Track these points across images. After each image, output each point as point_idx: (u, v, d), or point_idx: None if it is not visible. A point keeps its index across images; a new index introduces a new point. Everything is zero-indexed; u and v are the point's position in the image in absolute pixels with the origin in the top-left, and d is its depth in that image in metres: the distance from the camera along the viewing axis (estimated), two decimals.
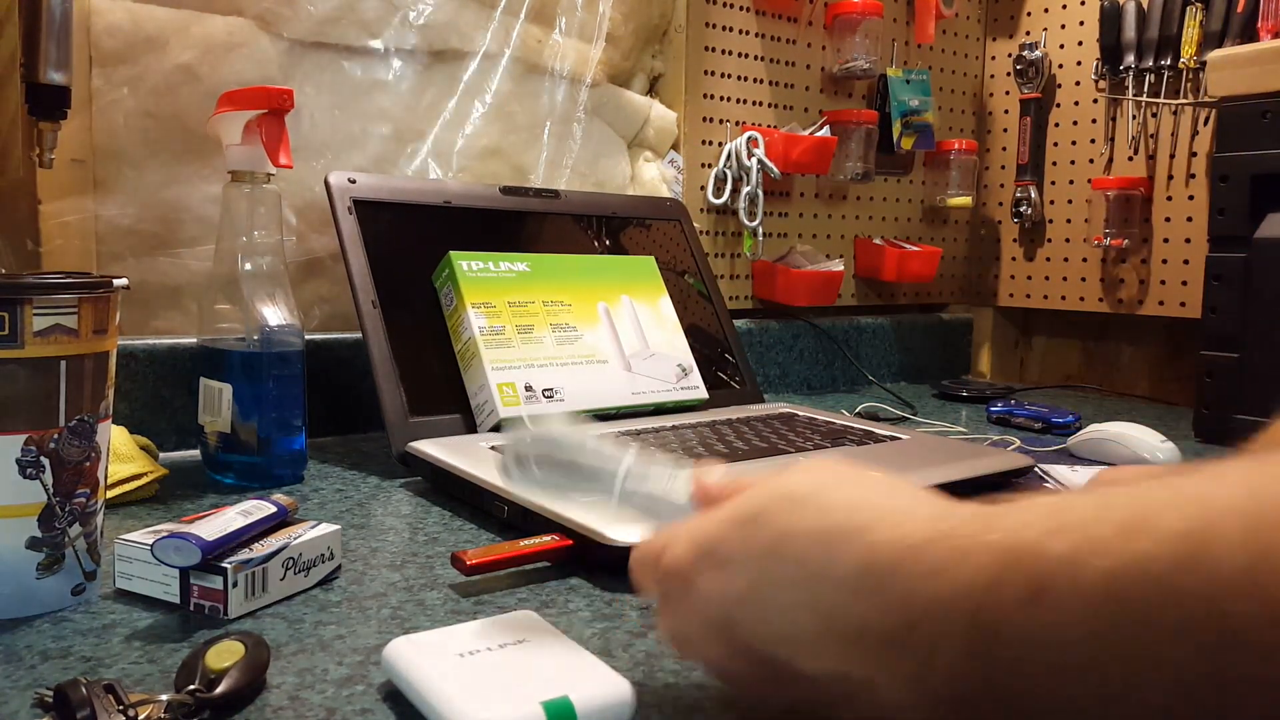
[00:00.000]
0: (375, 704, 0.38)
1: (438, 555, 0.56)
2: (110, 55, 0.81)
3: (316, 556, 0.51)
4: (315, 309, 0.92)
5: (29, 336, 0.44)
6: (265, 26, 0.88)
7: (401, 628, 0.46)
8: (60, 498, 0.46)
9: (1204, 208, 1.18)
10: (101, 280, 0.47)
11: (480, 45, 1.00)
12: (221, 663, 0.38)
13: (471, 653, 0.38)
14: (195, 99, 0.84)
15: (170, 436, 0.80)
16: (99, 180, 0.81)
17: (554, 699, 0.34)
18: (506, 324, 0.82)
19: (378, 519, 0.64)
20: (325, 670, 0.41)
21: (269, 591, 0.48)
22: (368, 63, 0.94)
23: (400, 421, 0.76)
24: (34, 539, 0.46)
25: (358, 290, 0.79)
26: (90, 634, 0.45)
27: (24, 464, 0.45)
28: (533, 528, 0.56)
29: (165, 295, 0.85)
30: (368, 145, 0.94)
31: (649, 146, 1.15)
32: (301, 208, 0.90)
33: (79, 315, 0.46)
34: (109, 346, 0.48)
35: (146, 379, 0.81)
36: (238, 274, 0.72)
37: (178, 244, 0.85)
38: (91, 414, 0.47)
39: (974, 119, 1.46)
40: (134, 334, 0.82)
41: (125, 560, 0.49)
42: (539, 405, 0.79)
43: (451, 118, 0.99)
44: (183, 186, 0.85)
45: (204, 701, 0.37)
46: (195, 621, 0.46)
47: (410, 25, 0.96)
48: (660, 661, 0.42)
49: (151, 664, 0.41)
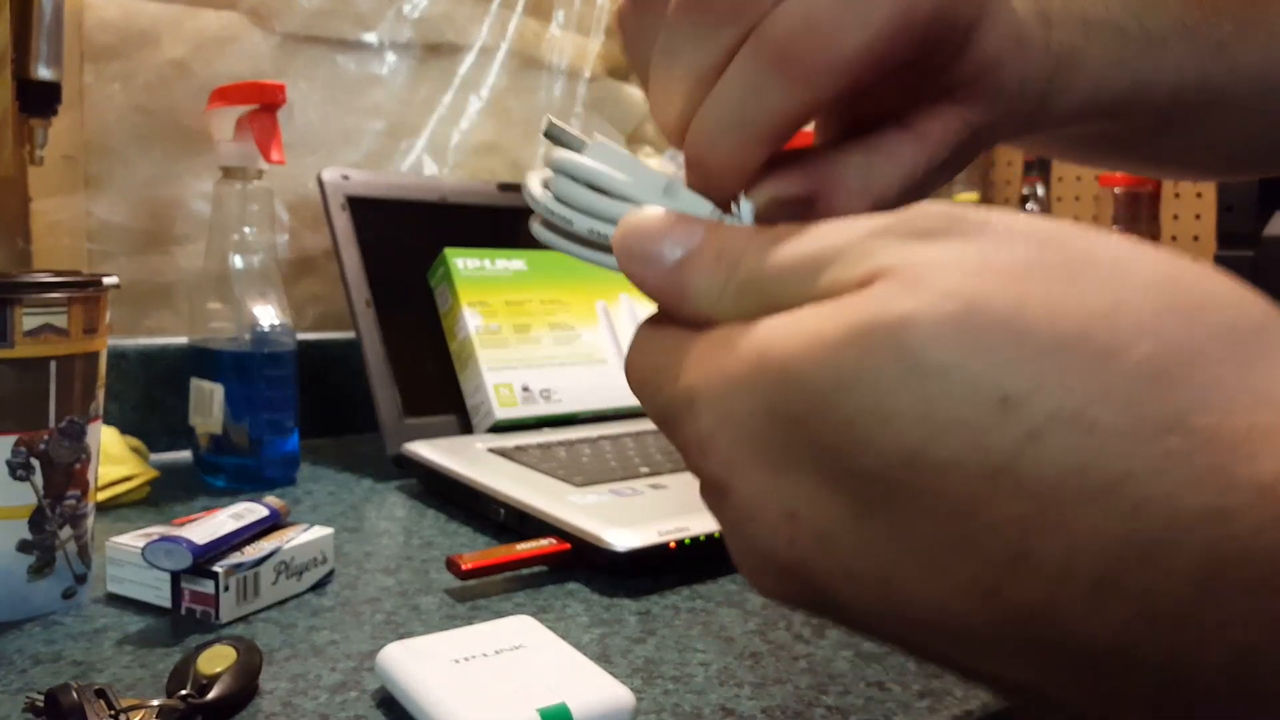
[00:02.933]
0: (369, 710, 0.38)
1: (433, 559, 0.56)
2: (102, 50, 0.80)
3: (309, 560, 0.50)
4: (308, 308, 0.92)
5: (18, 336, 0.44)
6: (258, 21, 0.87)
7: (396, 633, 0.45)
8: (50, 500, 0.46)
9: (1212, 205, 1.18)
10: (92, 279, 0.46)
11: (476, 39, 1.00)
12: (213, 668, 0.38)
13: (467, 659, 0.38)
14: (187, 94, 0.83)
15: (161, 438, 0.80)
16: (90, 177, 0.80)
17: (551, 706, 0.34)
18: (503, 323, 0.81)
19: (372, 522, 0.63)
20: (318, 676, 0.41)
21: (261, 596, 0.47)
22: (361, 57, 0.93)
23: (394, 423, 0.76)
24: (24, 542, 0.45)
25: (351, 289, 0.79)
26: (81, 638, 0.44)
27: (14, 465, 0.44)
28: (529, 531, 0.56)
29: (156, 294, 0.84)
30: (362, 141, 0.93)
31: (648, 141, 1.14)
32: (294, 204, 0.90)
33: (69, 315, 0.45)
34: (99, 346, 0.48)
35: (137, 379, 0.80)
36: (229, 272, 0.71)
37: (170, 241, 0.84)
38: (82, 415, 0.46)
39: None
40: (125, 333, 0.82)
41: (116, 563, 0.48)
42: (536, 405, 0.79)
43: (447, 113, 0.98)
44: (175, 183, 0.84)
45: (196, 707, 0.36)
46: (187, 626, 0.46)
47: (404, 19, 0.95)
48: (659, 668, 0.42)
49: (143, 668, 0.41)
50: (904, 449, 0.17)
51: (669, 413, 0.22)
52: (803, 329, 0.18)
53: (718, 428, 0.20)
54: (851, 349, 0.17)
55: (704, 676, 0.41)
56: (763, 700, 0.39)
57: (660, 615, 0.48)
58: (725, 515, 0.21)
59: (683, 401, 0.21)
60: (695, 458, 0.21)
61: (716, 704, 0.39)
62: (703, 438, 0.20)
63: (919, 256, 0.18)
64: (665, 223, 0.23)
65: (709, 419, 0.20)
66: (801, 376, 0.18)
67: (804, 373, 0.18)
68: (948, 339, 0.16)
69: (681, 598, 0.50)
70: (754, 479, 0.19)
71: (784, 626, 0.46)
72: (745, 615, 0.48)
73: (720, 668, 0.42)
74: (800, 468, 0.18)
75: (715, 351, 0.20)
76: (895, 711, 0.39)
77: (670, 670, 0.42)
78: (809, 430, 0.18)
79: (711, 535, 0.53)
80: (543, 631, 0.41)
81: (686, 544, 0.52)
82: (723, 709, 0.38)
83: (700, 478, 0.21)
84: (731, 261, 0.21)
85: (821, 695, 0.40)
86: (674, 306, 0.22)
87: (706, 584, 0.52)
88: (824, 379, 0.17)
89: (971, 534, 0.16)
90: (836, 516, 0.18)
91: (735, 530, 0.20)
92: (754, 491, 0.19)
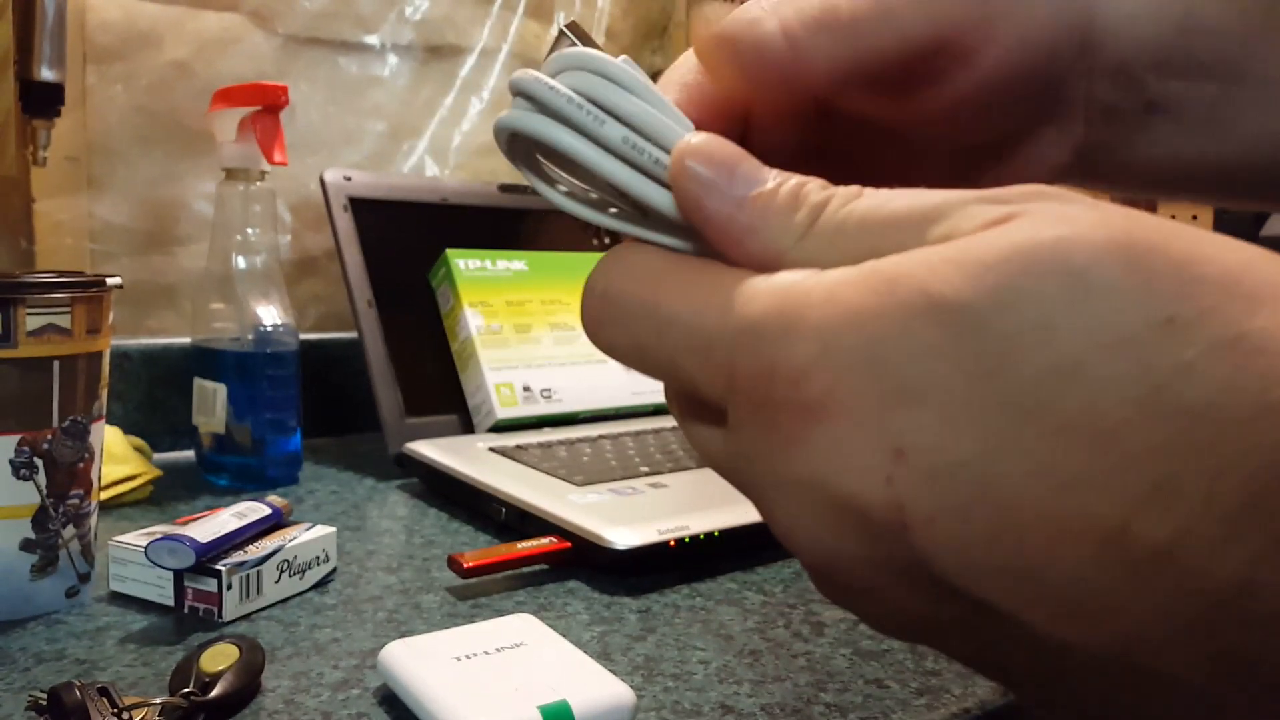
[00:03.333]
0: (371, 708, 0.38)
1: (434, 558, 0.56)
2: (104, 52, 0.80)
3: (312, 559, 0.51)
4: (310, 308, 0.92)
5: (22, 336, 0.44)
6: (260, 22, 0.88)
7: (398, 631, 0.45)
8: (54, 499, 0.46)
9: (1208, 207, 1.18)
10: (95, 279, 0.47)
11: (477, 41, 1.00)
12: (216, 666, 0.38)
13: (468, 656, 0.38)
14: (190, 96, 0.83)
15: (164, 437, 0.80)
16: (93, 178, 0.81)
17: (552, 703, 0.34)
18: (504, 323, 0.81)
19: (373, 521, 0.64)
20: (321, 674, 0.41)
21: (264, 594, 0.48)
22: (363, 59, 0.93)
23: (396, 422, 0.76)
24: (28, 540, 0.45)
25: (353, 289, 0.79)
26: (84, 636, 0.44)
27: (17, 465, 0.44)
28: (530, 530, 0.56)
29: (159, 294, 0.84)
30: (363, 142, 0.94)
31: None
32: (296, 205, 0.90)
33: (72, 315, 0.45)
34: (102, 346, 0.48)
35: (140, 379, 0.80)
36: (232, 273, 0.71)
37: (172, 242, 0.84)
38: (85, 415, 0.47)
39: None
40: (127, 334, 0.82)
41: (119, 562, 0.49)
42: (537, 405, 0.79)
43: (448, 114, 0.98)
44: (177, 184, 0.84)
45: (198, 705, 0.36)
46: (189, 624, 0.46)
47: (406, 21, 0.95)
48: (659, 665, 0.42)
49: (146, 667, 0.41)
50: (1065, 364, 0.16)
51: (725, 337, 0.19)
52: (949, 255, 0.17)
53: (822, 358, 0.18)
54: (1012, 268, 0.17)
55: (704, 674, 0.41)
56: (762, 698, 0.39)
57: (660, 613, 0.48)
58: (797, 458, 0.18)
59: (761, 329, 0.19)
60: (780, 388, 0.18)
61: (716, 701, 0.39)
62: (799, 367, 0.18)
63: (1048, 205, 0.18)
64: (737, 153, 0.21)
65: (812, 349, 0.18)
66: (958, 299, 0.17)
67: (959, 296, 0.17)
68: (1111, 260, 0.16)
69: (681, 596, 0.50)
70: (857, 414, 0.18)
71: (783, 624, 0.47)
72: (744, 613, 0.48)
73: (720, 665, 0.42)
74: (926, 403, 0.17)
75: (824, 282, 0.19)
76: (894, 709, 0.39)
77: (670, 668, 0.42)
78: (953, 358, 0.17)
79: (711, 534, 0.54)
80: (544, 629, 0.41)
81: (686, 542, 0.53)
82: (722, 706, 0.39)
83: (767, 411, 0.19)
84: (814, 205, 0.20)
85: (820, 693, 0.40)
86: (736, 241, 0.20)
87: (706, 582, 0.52)
88: (984, 299, 0.17)
89: (1115, 462, 0.16)
90: (958, 453, 0.17)
91: (808, 472, 0.18)
92: (853, 427, 0.18)
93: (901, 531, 0.17)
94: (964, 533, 0.17)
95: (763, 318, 0.19)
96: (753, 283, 0.20)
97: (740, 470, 0.21)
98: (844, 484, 0.18)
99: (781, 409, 0.19)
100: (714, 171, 0.20)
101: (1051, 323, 0.16)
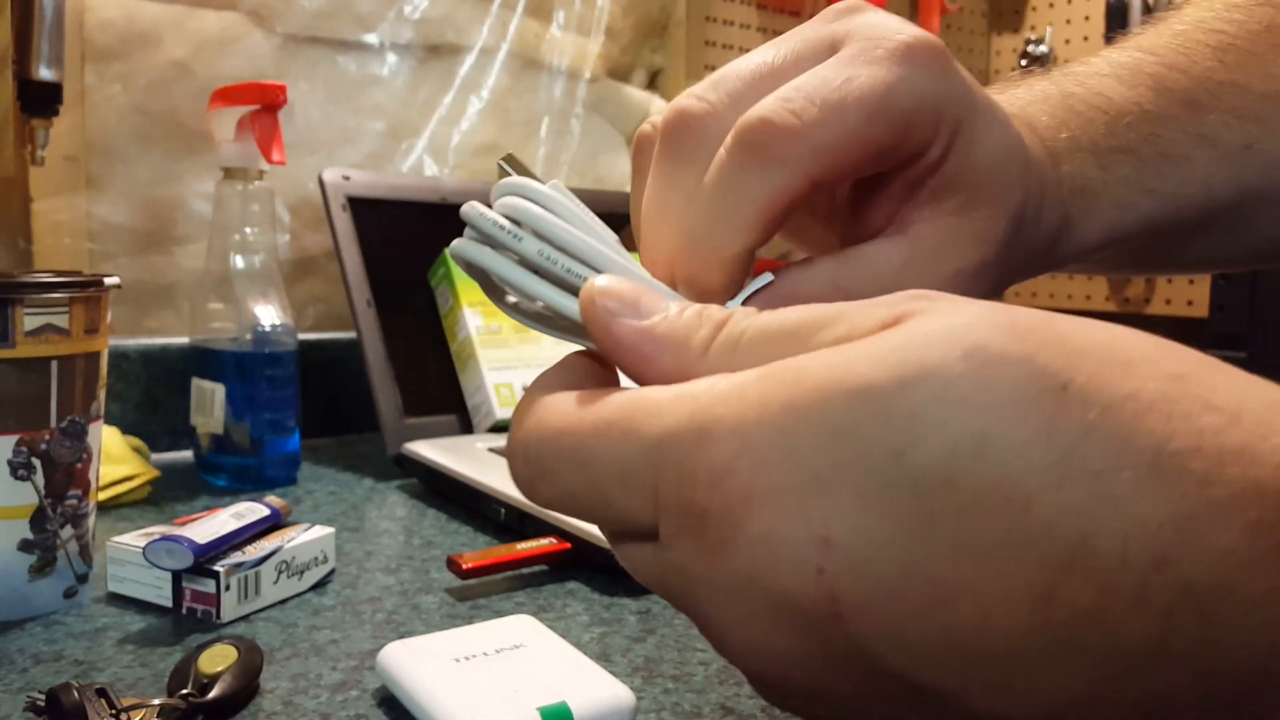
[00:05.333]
0: (370, 709, 0.38)
1: (433, 559, 0.56)
2: (103, 51, 0.80)
3: (310, 560, 0.50)
4: (309, 308, 0.92)
5: (20, 336, 0.44)
6: (259, 22, 0.87)
7: (396, 632, 0.45)
8: (52, 499, 0.46)
9: None
10: (93, 279, 0.47)
11: (477, 40, 1.00)
12: (214, 667, 0.38)
13: (467, 658, 0.38)
14: (188, 95, 0.83)
15: (162, 438, 0.80)
16: (91, 177, 0.80)
17: (551, 705, 0.34)
18: (503, 323, 0.81)
19: (372, 522, 0.63)
20: (319, 675, 0.41)
21: (262, 595, 0.48)
22: (362, 58, 0.93)
23: (395, 423, 0.76)
24: (26, 541, 0.45)
25: (352, 289, 0.79)
26: (82, 637, 0.44)
27: (15, 465, 0.44)
28: (530, 531, 0.56)
29: (158, 294, 0.84)
30: (362, 141, 0.94)
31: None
32: (295, 205, 0.90)
33: (70, 315, 0.45)
34: (100, 346, 0.48)
35: (138, 379, 0.80)
36: (230, 272, 0.71)
37: (171, 242, 0.84)
38: (83, 415, 0.47)
39: None
40: (126, 334, 0.82)
41: (117, 563, 0.48)
42: None
43: (447, 113, 0.98)
44: (176, 183, 0.84)
45: (197, 706, 0.36)
46: (188, 625, 0.46)
47: (405, 20, 0.95)
48: (659, 667, 0.42)
49: (144, 668, 0.41)
50: (972, 436, 0.17)
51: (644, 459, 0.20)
52: (851, 347, 0.18)
53: (739, 456, 0.18)
54: (911, 352, 0.17)
55: (704, 675, 0.41)
56: (762, 699, 0.39)
57: (660, 614, 0.48)
58: (728, 561, 0.19)
59: (676, 440, 0.19)
60: (702, 493, 0.19)
61: (716, 703, 0.39)
62: (717, 469, 0.18)
63: (935, 303, 0.19)
64: (639, 288, 0.22)
65: (728, 449, 0.18)
66: (862, 382, 0.18)
67: (863, 379, 0.18)
68: (1003, 338, 0.17)
69: None
70: (780, 508, 0.18)
71: None
72: None
73: (720, 666, 0.42)
74: (843, 488, 0.17)
75: (732, 382, 0.19)
76: None
77: (670, 669, 0.42)
78: (862, 440, 0.17)
79: None
80: (543, 631, 0.41)
81: None
82: (723, 708, 0.38)
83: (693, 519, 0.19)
84: (716, 323, 0.21)
85: None
86: (647, 360, 0.22)
87: None
88: (887, 380, 0.17)
89: (1031, 531, 0.16)
90: (882, 535, 0.17)
91: (740, 574, 0.18)
92: (778, 522, 0.18)
93: (836, 622, 0.18)
94: (897, 613, 0.17)
95: (676, 428, 0.19)
96: (659, 399, 0.20)
97: (673, 584, 0.21)
98: (776, 580, 0.18)
99: (707, 515, 0.19)
100: (619, 304, 0.22)
101: (953, 398, 0.17)
